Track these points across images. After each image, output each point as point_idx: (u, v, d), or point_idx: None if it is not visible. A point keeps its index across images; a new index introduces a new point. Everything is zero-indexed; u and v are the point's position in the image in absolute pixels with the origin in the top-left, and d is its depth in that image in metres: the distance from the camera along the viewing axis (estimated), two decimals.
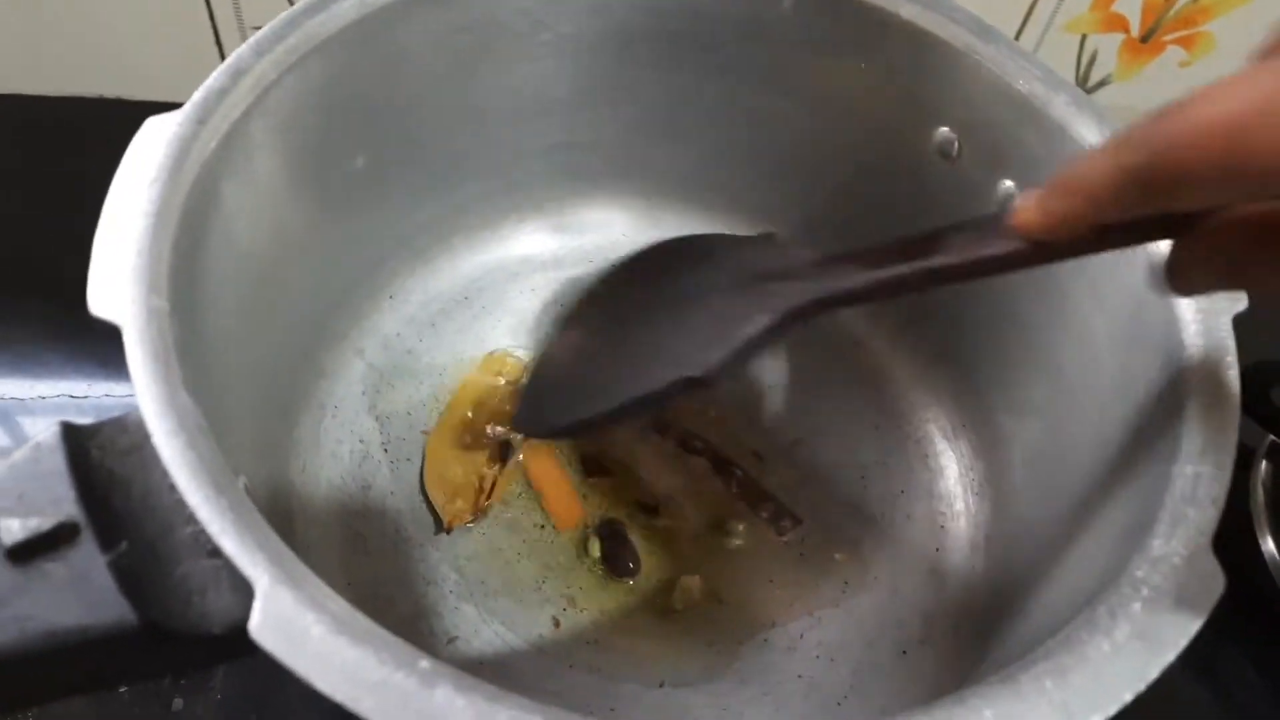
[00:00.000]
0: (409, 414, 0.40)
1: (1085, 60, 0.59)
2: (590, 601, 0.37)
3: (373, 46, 0.33)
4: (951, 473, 0.40)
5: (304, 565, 0.21)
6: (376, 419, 0.40)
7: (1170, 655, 0.21)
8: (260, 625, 0.20)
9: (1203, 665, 0.42)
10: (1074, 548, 0.29)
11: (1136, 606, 0.22)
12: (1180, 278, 0.24)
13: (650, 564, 0.38)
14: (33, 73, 0.54)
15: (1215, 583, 0.23)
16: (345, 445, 0.39)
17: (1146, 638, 0.22)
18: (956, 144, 0.36)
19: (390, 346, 0.42)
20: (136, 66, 0.53)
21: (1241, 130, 0.18)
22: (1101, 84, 0.60)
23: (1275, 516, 0.43)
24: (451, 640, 0.35)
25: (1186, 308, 0.28)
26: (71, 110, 0.54)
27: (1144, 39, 0.58)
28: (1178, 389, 0.27)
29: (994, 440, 0.39)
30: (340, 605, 0.21)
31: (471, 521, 0.37)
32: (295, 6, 0.31)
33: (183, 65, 0.52)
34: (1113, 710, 0.21)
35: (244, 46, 0.30)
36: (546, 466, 0.39)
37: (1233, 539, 0.42)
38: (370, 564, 0.36)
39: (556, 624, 0.36)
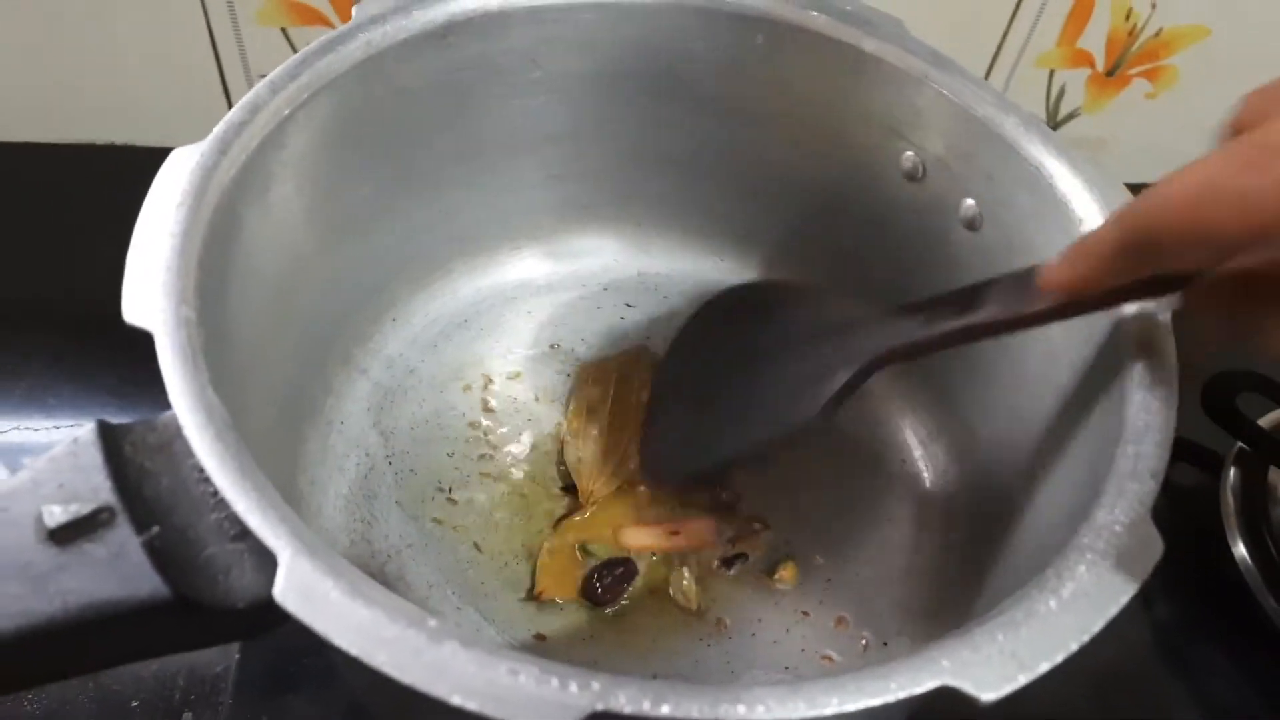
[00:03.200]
0: (412, 429, 0.42)
1: (1054, 94, 0.62)
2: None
3: (378, 85, 0.36)
4: (927, 476, 0.42)
5: (321, 540, 0.23)
6: (381, 434, 0.42)
7: (1112, 610, 0.23)
8: (284, 591, 0.22)
9: (1180, 662, 0.43)
10: (1033, 533, 0.32)
11: (1081, 569, 0.24)
12: (1188, 338, 0.28)
13: (641, 567, 0.40)
14: (44, 121, 0.56)
15: (1153, 547, 0.25)
16: (351, 459, 0.41)
17: (1090, 595, 0.24)
18: (921, 166, 0.39)
19: (393, 366, 0.44)
20: (147, 114, 0.56)
21: (1197, 206, 0.22)
22: (1071, 116, 0.63)
23: (1245, 520, 0.45)
24: None
25: (1127, 308, 0.30)
26: (83, 157, 0.57)
27: (1109, 73, 0.60)
28: (1123, 378, 0.29)
29: (967, 444, 0.41)
30: (355, 574, 0.23)
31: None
32: (308, 47, 0.34)
33: (192, 112, 0.55)
34: (1059, 659, 0.23)
35: (260, 84, 0.32)
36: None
37: (1206, 542, 0.45)
38: (375, 567, 0.38)
39: (542, 638, 0.37)
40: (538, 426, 0.43)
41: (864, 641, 0.38)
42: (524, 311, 0.47)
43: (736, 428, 0.38)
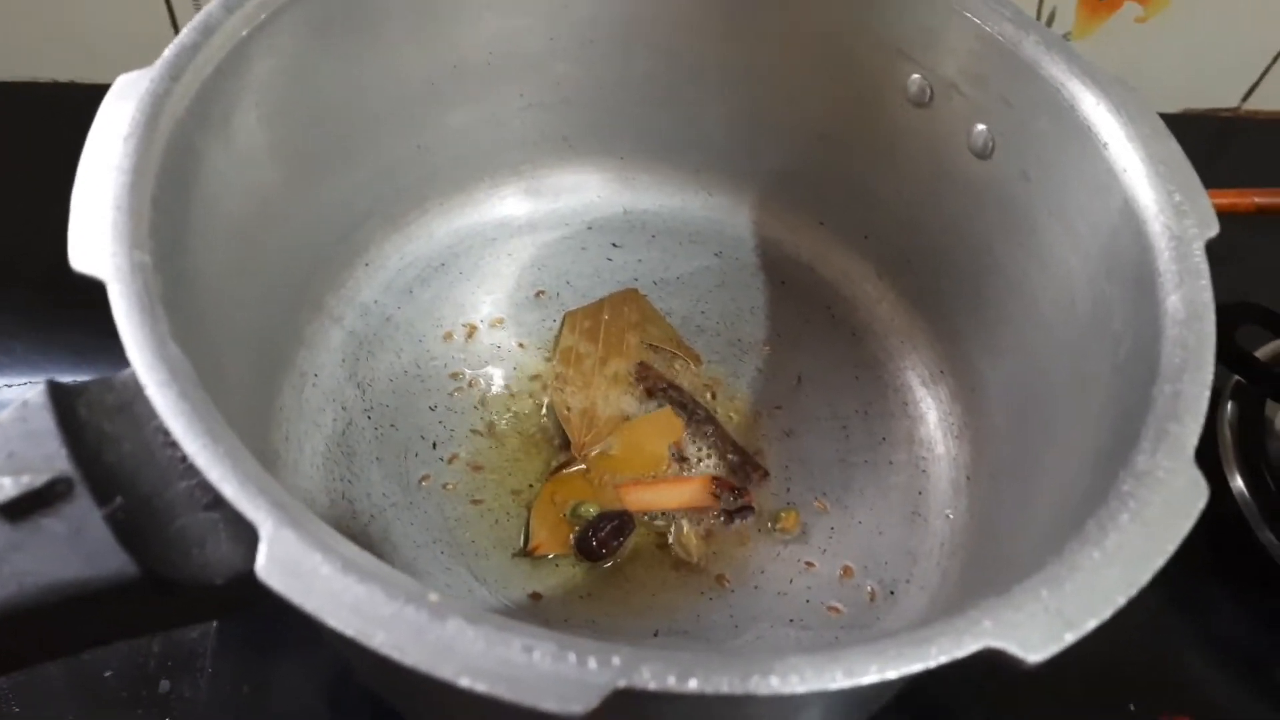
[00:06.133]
0: (390, 380, 0.40)
1: (1045, 17, 0.60)
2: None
3: (344, 3, 0.33)
4: (931, 418, 0.41)
5: (305, 508, 0.21)
6: (358, 386, 0.39)
7: (1159, 561, 0.22)
8: (267, 567, 0.20)
9: (1182, 597, 0.43)
10: (1052, 478, 0.30)
11: (1125, 517, 0.23)
12: None
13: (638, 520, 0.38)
14: None
15: (1199, 492, 0.23)
16: (328, 413, 0.39)
17: (1135, 546, 0.22)
18: (929, 90, 0.37)
19: (368, 314, 0.41)
20: (89, 48, 0.52)
21: None
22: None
23: (1242, 455, 0.45)
24: None
25: (1159, 237, 0.28)
26: (20, 96, 0.53)
27: None
28: (1154, 314, 0.27)
29: (973, 384, 0.40)
30: (346, 545, 0.21)
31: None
32: None
33: (137, 44, 0.51)
34: (1108, 614, 0.21)
35: (214, 2, 0.29)
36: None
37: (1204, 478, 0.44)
38: (357, 528, 0.36)
39: (538, 597, 0.36)
40: (524, 375, 0.41)
41: (871, 590, 0.37)
42: (504, 253, 0.44)
43: None
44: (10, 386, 0.43)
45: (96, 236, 0.24)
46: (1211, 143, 0.64)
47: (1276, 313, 0.44)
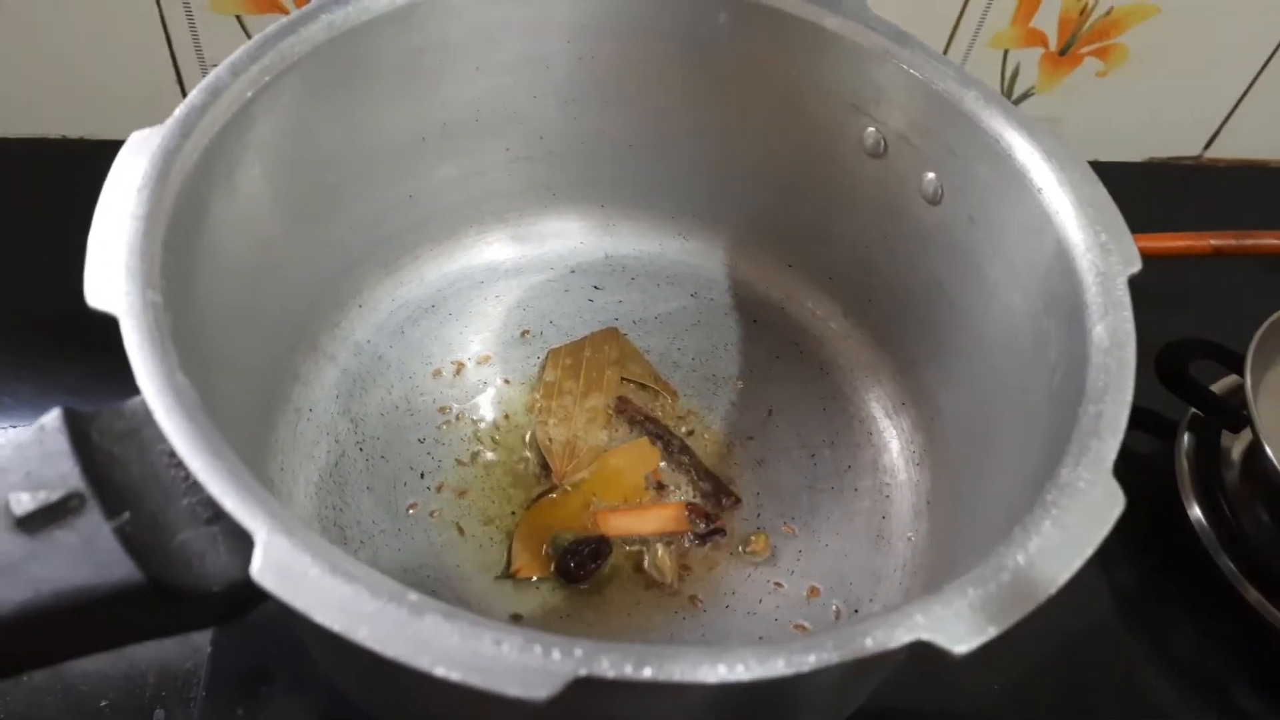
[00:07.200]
0: (382, 415, 0.42)
1: (1009, 75, 0.63)
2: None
3: (340, 67, 0.36)
4: (894, 446, 0.43)
5: (297, 518, 0.23)
6: (351, 420, 0.42)
7: (1077, 563, 0.24)
8: (261, 570, 0.22)
9: (1142, 621, 0.45)
10: (999, 499, 0.32)
11: (1047, 524, 0.25)
12: None
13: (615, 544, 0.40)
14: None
15: (1116, 501, 0.25)
16: (321, 445, 0.41)
17: (1056, 550, 0.24)
18: (883, 142, 0.40)
19: (361, 352, 0.44)
20: (99, 107, 0.55)
21: None
22: (1025, 96, 0.64)
23: (1199, 483, 0.47)
24: None
25: (1087, 273, 0.31)
26: (33, 151, 0.55)
27: (1062, 52, 0.61)
28: (1082, 343, 0.30)
29: (931, 414, 0.42)
30: (333, 551, 0.23)
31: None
32: (269, 29, 0.34)
33: (144, 104, 0.54)
34: (1029, 609, 0.23)
35: (221, 66, 0.32)
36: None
37: (1162, 507, 0.46)
38: (348, 554, 0.38)
39: (518, 618, 0.38)
40: (509, 409, 0.43)
41: (836, 609, 0.39)
42: (492, 295, 0.47)
43: None
44: (15, 427, 0.45)
45: (111, 276, 0.26)
46: (1174, 189, 0.66)
47: (1230, 348, 0.47)
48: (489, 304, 0.47)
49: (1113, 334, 0.29)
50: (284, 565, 0.22)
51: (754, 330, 0.47)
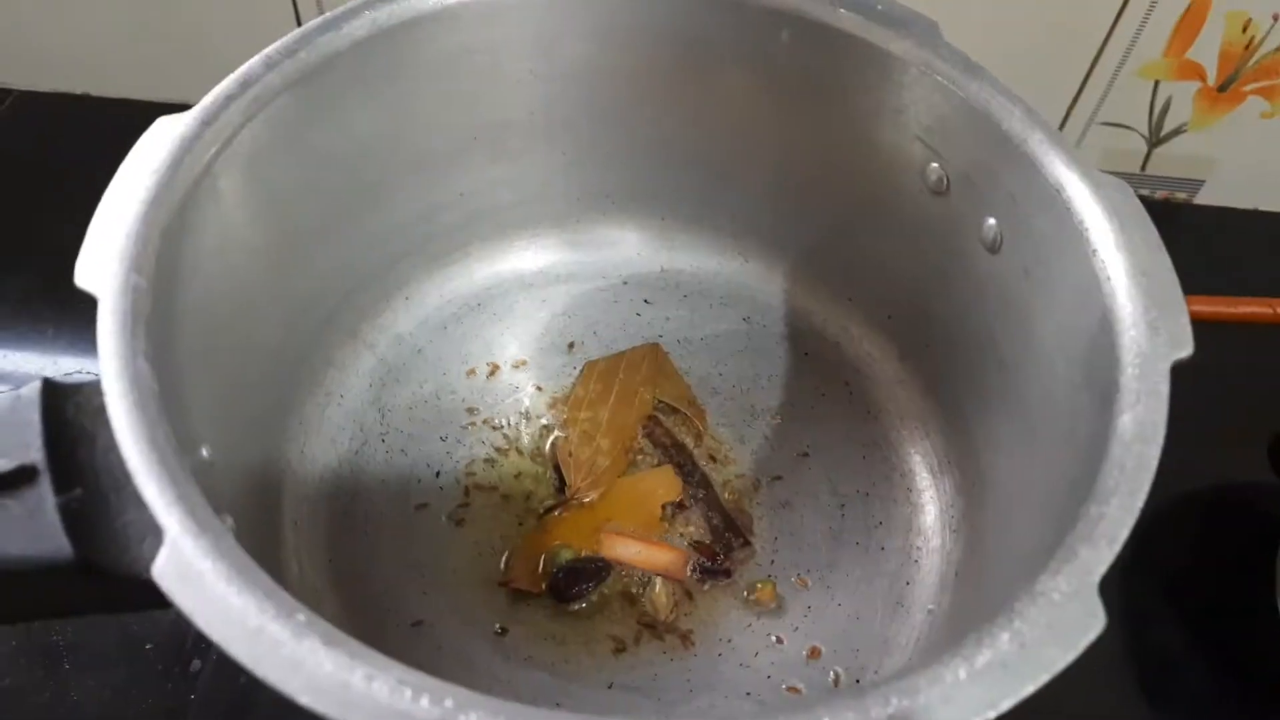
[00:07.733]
0: (410, 409, 0.42)
1: (1158, 108, 0.58)
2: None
3: (382, 64, 0.36)
4: (932, 509, 0.40)
5: (218, 520, 0.23)
6: (379, 411, 0.42)
7: (1027, 688, 0.21)
8: (163, 568, 0.22)
9: None
10: (1002, 585, 0.29)
11: (1005, 636, 0.22)
12: None
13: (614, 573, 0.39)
14: (125, 76, 0.58)
15: (1093, 622, 0.22)
16: (346, 432, 0.41)
17: (1006, 668, 0.21)
18: (945, 179, 0.37)
19: (401, 344, 0.44)
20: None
21: None
22: (1176, 132, 0.59)
23: None
24: (416, 624, 0.37)
25: (1127, 350, 0.27)
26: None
27: (1221, 88, 0.56)
28: (1106, 432, 0.26)
29: (975, 478, 0.39)
30: (244, 559, 0.23)
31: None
32: (310, 22, 0.34)
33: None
34: None
35: (255, 59, 0.33)
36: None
37: (1255, 609, 0.41)
38: (352, 542, 0.38)
39: (504, 632, 0.37)
40: (535, 417, 0.43)
41: (835, 676, 0.36)
42: (539, 299, 0.46)
43: None
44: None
45: (103, 258, 0.27)
46: None
47: None
48: (535, 307, 0.46)
49: (1139, 426, 0.26)
50: (185, 566, 0.22)
51: (804, 363, 0.45)
